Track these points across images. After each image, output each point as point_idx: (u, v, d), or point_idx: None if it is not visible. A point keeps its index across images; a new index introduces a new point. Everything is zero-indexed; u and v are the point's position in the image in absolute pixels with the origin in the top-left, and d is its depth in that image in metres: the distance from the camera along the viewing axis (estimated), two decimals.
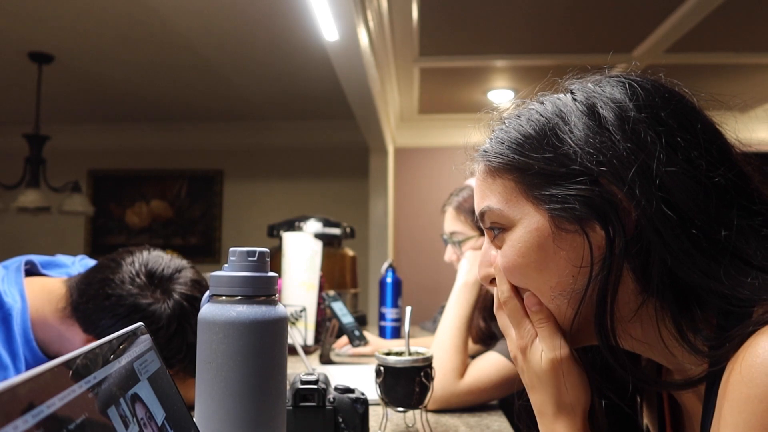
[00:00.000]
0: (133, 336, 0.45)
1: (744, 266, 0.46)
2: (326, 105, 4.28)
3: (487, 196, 0.57)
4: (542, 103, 0.56)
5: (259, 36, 3.12)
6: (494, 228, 0.56)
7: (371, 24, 2.65)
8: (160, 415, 0.43)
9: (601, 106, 0.52)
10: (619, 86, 0.53)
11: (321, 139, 4.85)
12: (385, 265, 2.00)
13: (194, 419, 0.52)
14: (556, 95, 0.56)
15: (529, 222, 0.53)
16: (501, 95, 4.03)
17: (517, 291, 0.56)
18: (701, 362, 0.48)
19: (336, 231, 2.37)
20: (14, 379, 0.27)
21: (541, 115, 0.54)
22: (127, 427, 0.37)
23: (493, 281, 0.59)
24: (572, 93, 0.55)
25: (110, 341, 0.41)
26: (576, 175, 0.50)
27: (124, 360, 0.41)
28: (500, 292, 0.57)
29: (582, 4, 2.71)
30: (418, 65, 3.47)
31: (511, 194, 0.54)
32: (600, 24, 2.93)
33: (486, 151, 0.57)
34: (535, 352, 0.55)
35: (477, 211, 0.59)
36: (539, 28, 3.01)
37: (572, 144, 0.51)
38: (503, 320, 0.58)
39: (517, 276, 0.55)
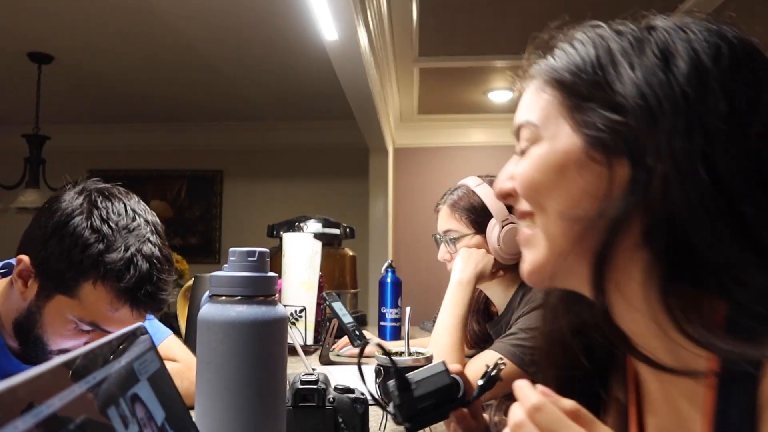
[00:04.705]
0: (132, 336, 0.45)
1: (764, 252, 0.44)
2: (326, 105, 4.28)
3: (529, 109, 0.56)
4: (618, 32, 0.53)
5: (259, 36, 3.12)
6: (526, 141, 0.55)
7: (371, 24, 2.65)
8: (159, 415, 0.43)
9: (675, 48, 0.49)
10: (704, 32, 0.50)
11: (321, 139, 4.85)
12: (385, 265, 2.00)
13: (194, 419, 0.52)
14: (634, 27, 0.53)
15: (560, 142, 0.52)
16: (501, 95, 4.03)
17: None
18: (697, 351, 0.45)
19: (336, 231, 2.37)
20: (14, 379, 0.27)
21: (610, 42, 0.52)
22: (126, 427, 0.37)
23: (508, 197, 0.58)
24: (651, 29, 0.52)
25: (110, 341, 0.41)
26: (623, 108, 0.48)
27: (123, 360, 0.41)
28: (528, 398, 0.47)
29: (582, 4, 2.71)
30: (417, 65, 3.46)
31: (552, 111, 0.53)
32: None
33: (545, 65, 0.56)
34: None
35: (515, 123, 0.57)
36: (539, 29, 3.01)
37: (630, 77, 0.49)
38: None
39: (529, 189, 0.54)
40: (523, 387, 0.49)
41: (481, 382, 0.71)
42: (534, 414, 0.46)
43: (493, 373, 0.71)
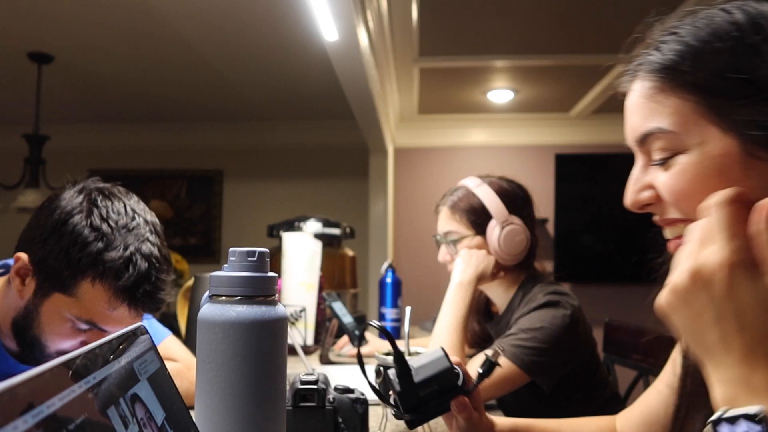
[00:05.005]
0: (132, 336, 0.45)
1: None
2: (326, 105, 4.28)
3: (655, 117, 0.51)
4: (728, 12, 0.48)
5: (259, 36, 3.12)
6: (663, 151, 0.50)
7: (371, 24, 2.65)
8: (159, 415, 0.43)
9: None
10: None
11: (321, 139, 4.85)
12: (385, 265, 2.00)
13: (194, 419, 0.52)
14: (744, 2, 0.48)
15: (713, 147, 0.48)
16: (501, 95, 4.03)
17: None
18: None
19: (336, 231, 2.37)
20: (14, 379, 0.27)
21: (730, 26, 0.47)
22: (126, 427, 0.37)
23: (646, 206, 0.53)
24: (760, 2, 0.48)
25: (110, 341, 0.41)
26: None
27: (123, 360, 0.41)
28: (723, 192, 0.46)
29: (582, 4, 2.71)
30: (417, 65, 3.46)
31: (689, 115, 0.49)
32: (600, 24, 2.93)
33: (658, 65, 0.51)
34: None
35: (637, 133, 0.52)
36: (539, 28, 3.01)
37: None
38: (709, 222, 0.45)
39: (689, 200, 0.49)
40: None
41: (480, 370, 0.70)
42: (709, 209, 0.44)
43: (492, 359, 0.70)
